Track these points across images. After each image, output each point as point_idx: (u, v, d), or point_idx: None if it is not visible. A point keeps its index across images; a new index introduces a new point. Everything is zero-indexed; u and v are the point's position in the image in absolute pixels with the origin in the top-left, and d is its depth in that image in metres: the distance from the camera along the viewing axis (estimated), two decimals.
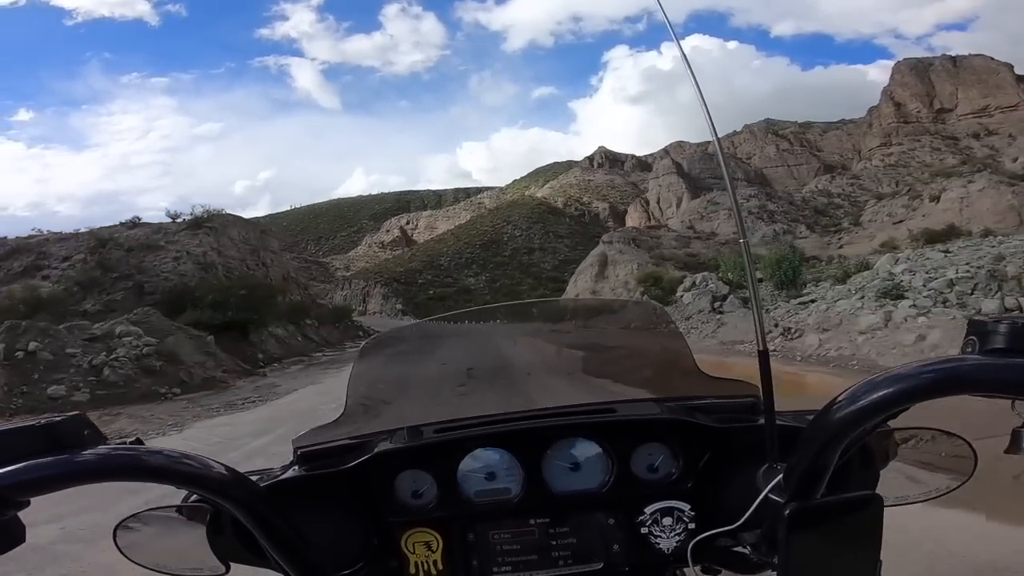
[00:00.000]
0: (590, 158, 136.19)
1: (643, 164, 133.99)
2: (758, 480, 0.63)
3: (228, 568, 0.70)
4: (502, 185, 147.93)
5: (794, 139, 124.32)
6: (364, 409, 0.86)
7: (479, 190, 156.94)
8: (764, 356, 0.63)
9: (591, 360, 1.03)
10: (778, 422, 0.67)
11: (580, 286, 38.69)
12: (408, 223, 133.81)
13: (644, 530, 0.72)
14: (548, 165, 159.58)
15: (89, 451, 0.50)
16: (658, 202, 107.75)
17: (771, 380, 0.63)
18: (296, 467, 0.74)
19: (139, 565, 0.70)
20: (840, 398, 0.53)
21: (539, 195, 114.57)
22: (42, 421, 0.49)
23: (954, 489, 0.69)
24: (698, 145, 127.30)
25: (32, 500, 0.49)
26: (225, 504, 0.59)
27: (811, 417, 0.58)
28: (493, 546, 0.72)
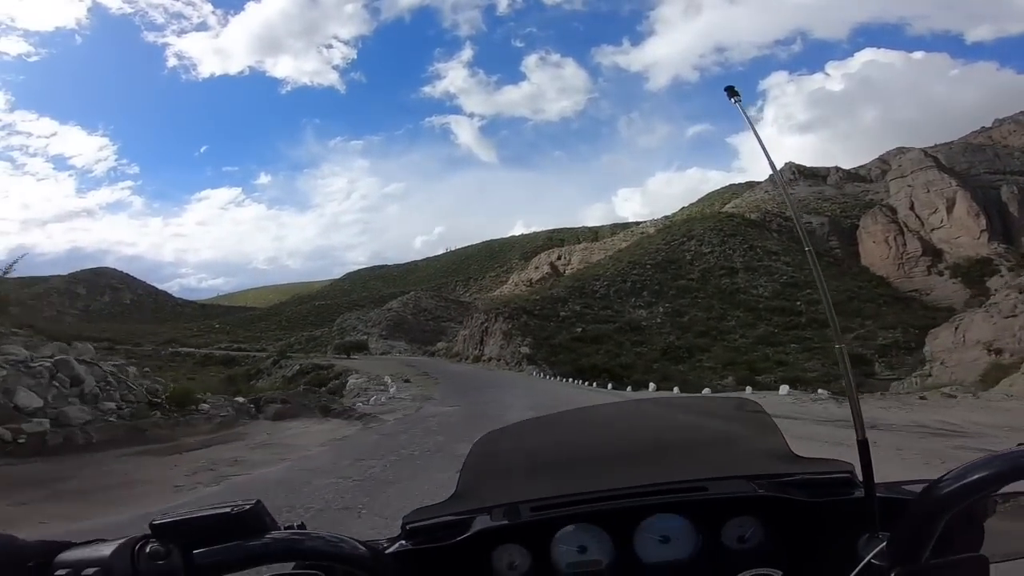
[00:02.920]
0: (771, 179, 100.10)
1: (854, 176, 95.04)
2: (859, 548, 0.64)
3: None
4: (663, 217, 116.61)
5: None
6: (472, 490, 0.89)
7: (639, 223, 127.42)
8: (864, 445, 0.66)
9: (685, 441, 1.02)
10: (878, 495, 0.68)
11: None
12: (560, 258, 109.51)
13: None
14: (724, 188, 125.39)
15: (267, 536, 0.55)
16: (911, 207, 69.08)
17: (870, 463, 0.65)
18: (403, 541, 0.75)
19: None
20: (948, 476, 0.55)
21: (726, 210, 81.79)
22: (234, 510, 0.53)
23: None
24: (935, 145, 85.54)
25: None
26: None
27: (909, 488, 0.62)
28: None
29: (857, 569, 0.62)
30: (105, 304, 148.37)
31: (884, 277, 56.79)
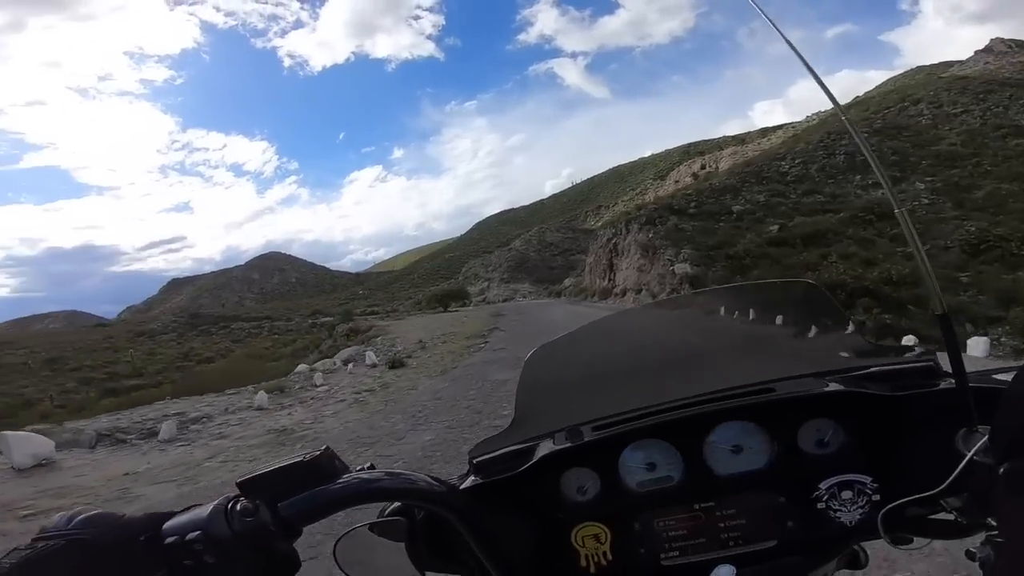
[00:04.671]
0: (986, 51, 64.10)
1: None
2: (958, 444, 0.58)
3: None
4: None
5: None
6: (530, 415, 0.83)
7: (798, 122, 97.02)
8: (945, 319, 0.59)
9: (747, 341, 0.93)
10: (971, 384, 0.62)
11: None
12: (703, 167, 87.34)
13: (821, 505, 0.65)
14: (909, 70, 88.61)
15: (343, 480, 0.53)
16: None
17: (956, 343, 0.58)
18: (472, 476, 0.73)
19: None
20: None
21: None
22: (307, 457, 0.52)
23: None
24: None
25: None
26: (447, 515, 0.61)
27: (1004, 376, 0.55)
28: (659, 533, 0.68)
29: (960, 467, 0.56)
30: (275, 285, 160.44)
31: None
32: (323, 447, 0.54)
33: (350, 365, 13.71)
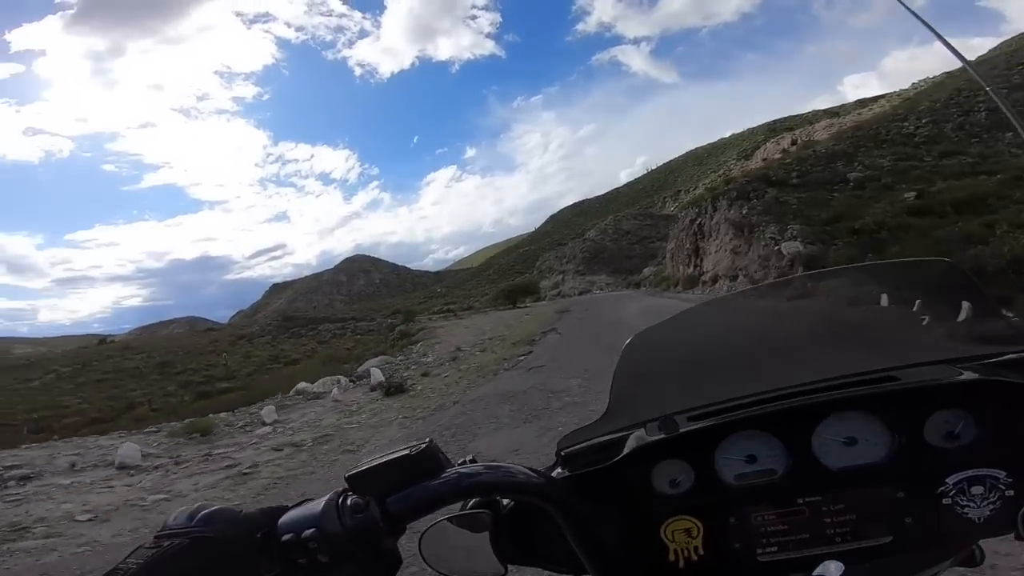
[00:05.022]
0: None
1: None
2: None
3: (507, 569, 0.65)
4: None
5: None
6: (624, 403, 0.77)
7: (903, 90, 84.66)
8: None
9: (866, 326, 0.84)
10: None
11: None
12: (794, 142, 78.62)
13: (947, 501, 0.59)
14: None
15: (445, 475, 0.51)
16: None
17: None
18: (560, 468, 0.69)
19: (438, 572, 0.66)
20: None
21: None
22: (413, 451, 0.50)
23: None
24: None
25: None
26: (546, 506, 0.58)
27: None
28: (756, 528, 0.62)
29: None
30: (361, 286, 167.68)
31: None
32: (427, 439, 0.53)
33: (335, 390, 11.70)
